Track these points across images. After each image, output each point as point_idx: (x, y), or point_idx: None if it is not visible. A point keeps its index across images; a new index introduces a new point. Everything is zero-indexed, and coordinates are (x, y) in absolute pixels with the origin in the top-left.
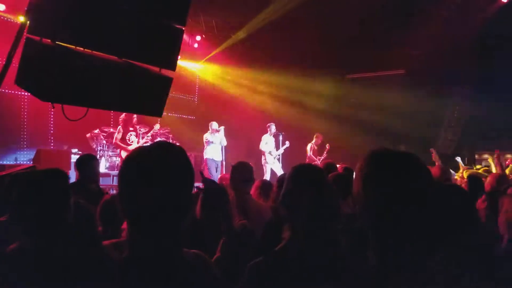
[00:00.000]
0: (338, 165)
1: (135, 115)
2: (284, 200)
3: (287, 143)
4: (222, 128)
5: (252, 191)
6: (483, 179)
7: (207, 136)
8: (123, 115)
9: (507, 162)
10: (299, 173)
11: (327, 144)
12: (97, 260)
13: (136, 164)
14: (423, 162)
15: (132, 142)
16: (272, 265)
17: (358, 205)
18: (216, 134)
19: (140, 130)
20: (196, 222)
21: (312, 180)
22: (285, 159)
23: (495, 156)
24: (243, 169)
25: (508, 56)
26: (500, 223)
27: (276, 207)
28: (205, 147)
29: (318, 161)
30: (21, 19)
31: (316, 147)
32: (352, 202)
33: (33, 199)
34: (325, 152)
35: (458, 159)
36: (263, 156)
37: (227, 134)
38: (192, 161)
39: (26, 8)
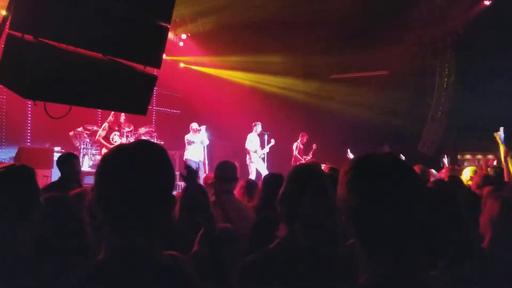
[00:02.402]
0: (323, 165)
1: (123, 115)
2: (284, 199)
3: (273, 141)
4: (203, 127)
5: (237, 190)
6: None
7: (188, 136)
8: (112, 114)
9: (488, 163)
10: (300, 172)
11: (314, 144)
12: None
13: (113, 162)
14: (412, 167)
15: (115, 142)
16: (266, 263)
17: (342, 213)
18: (197, 134)
19: (124, 129)
20: (174, 226)
21: (313, 180)
22: (270, 158)
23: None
24: (226, 168)
25: (490, 57)
26: (482, 222)
27: (259, 207)
28: (186, 147)
29: (304, 160)
30: (3, 13)
31: (301, 146)
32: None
33: None
34: (311, 152)
35: (445, 159)
36: (247, 155)
37: (212, 134)
38: (176, 160)
39: (8, 3)
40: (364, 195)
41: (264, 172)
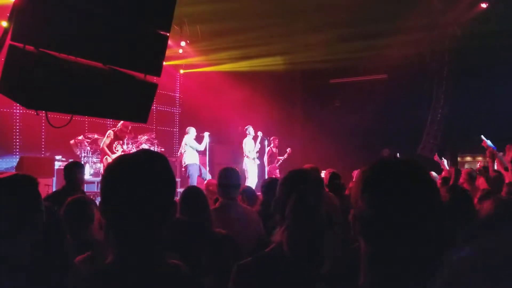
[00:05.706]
0: (324, 171)
1: (129, 126)
2: (275, 205)
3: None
4: (206, 133)
5: None
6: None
7: (187, 140)
8: (120, 124)
9: (478, 166)
10: (287, 179)
11: (289, 148)
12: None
13: (117, 173)
14: (431, 175)
15: (117, 150)
16: (259, 266)
17: (354, 212)
18: (192, 138)
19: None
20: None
21: (296, 184)
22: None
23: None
24: (228, 175)
25: (487, 58)
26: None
27: (260, 212)
28: (184, 151)
29: (277, 162)
30: (4, 24)
31: (275, 150)
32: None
33: None
34: (285, 155)
35: (443, 160)
36: (244, 160)
37: (213, 139)
38: (177, 167)
39: (9, 14)
40: (375, 200)
41: (254, 176)
